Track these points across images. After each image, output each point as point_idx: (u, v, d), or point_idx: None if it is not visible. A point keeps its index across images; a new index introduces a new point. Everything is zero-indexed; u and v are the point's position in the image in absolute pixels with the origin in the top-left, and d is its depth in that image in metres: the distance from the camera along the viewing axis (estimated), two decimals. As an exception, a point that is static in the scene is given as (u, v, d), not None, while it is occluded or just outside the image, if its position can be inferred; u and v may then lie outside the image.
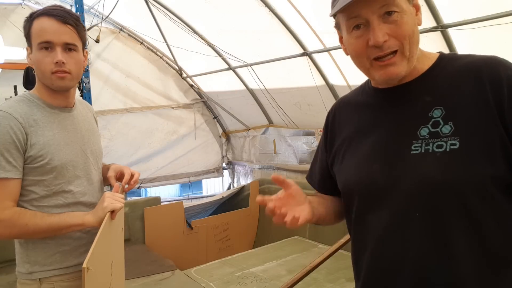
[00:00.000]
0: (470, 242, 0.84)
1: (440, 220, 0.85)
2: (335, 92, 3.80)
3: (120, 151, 4.95)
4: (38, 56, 1.29)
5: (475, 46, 2.60)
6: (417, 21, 0.91)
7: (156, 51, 5.13)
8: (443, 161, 0.85)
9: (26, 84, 3.41)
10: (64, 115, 1.39)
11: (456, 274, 0.85)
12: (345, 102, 1.14)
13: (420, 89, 0.93)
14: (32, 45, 1.30)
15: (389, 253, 0.92)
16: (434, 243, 0.86)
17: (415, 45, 0.89)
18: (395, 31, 0.87)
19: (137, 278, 2.95)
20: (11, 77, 3.98)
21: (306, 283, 2.61)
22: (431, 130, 0.88)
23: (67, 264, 1.36)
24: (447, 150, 0.84)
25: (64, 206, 1.35)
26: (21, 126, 1.25)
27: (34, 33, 1.29)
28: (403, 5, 0.87)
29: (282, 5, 3.32)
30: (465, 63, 0.91)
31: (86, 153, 1.43)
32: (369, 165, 0.96)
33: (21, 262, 1.35)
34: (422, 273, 0.87)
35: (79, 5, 3.51)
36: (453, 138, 0.84)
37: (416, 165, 0.88)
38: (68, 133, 1.38)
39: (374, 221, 0.95)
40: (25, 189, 1.30)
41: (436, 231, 0.86)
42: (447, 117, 0.87)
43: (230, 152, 5.95)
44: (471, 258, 0.84)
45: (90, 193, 1.42)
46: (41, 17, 1.29)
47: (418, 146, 0.88)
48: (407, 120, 0.92)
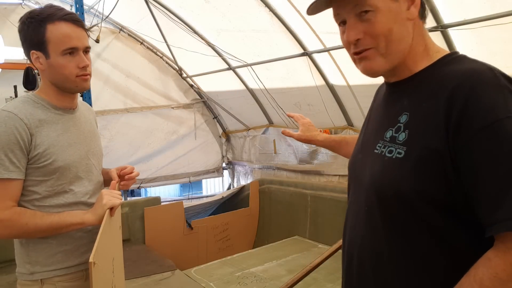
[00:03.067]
0: (396, 244, 0.89)
1: (374, 217, 0.93)
2: (335, 92, 3.80)
3: (120, 151, 4.95)
4: (61, 61, 1.29)
5: (475, 46, 2.60)
6: (408, 15, 0.88)
7: (156, 51, 5.13)
8: (386, 166, 0.90)
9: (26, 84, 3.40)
10: (68, 117, 1.40)
11: (382, 268, 0.92)
12: (381, 86, 1.15)
13: (404, 90, 0.94)
14: (50, 51, 1.28)
15: (348, 236, 1.04)
16: (372, 237, 0.94)
17: (395, 43, 0.88)
18: (368, 29, 0.88)
19: (137, 278, 2.95)
20: (11, 77, 3.98)
21: (306, 283, 2.61)
22: (392, 135, 0.91)
23: (68, 264, 1.37)
24: (393, 157, 0.88)
25: (65, 206, 1.35)
26: (26, 127, 1.26)
27: (54, 39, 1.27)
28: (377, 4, 0.86)
29: (282, 5, 3.32)
30: (449, 71, 0.86)
31: (88, 154, 1.44)
32: (356, 154, 1.06)
33: (21, 263, 1.35)
34: (363, 260, 0.97)
35: (79, 5, 3.51)
36: (402, 147, 0.87)
37: (371, 163, 0.95)
38: (72, 134, 1.39)
39: (349, 203, 1.07)
40: (27, 189, 1.30)
41: (371, 227, 0.94)
42: (407, 125, 0.88)
43: (230, 152, 5.95)
44: (395, 258, 0.90)
45: (90, 194, 1.43)
46: (59, 23, 1.28)
47: (379, 147, 0.94)
48: (385, 118, 0.97)
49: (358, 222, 0.98)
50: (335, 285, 2.81)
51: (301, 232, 4.05)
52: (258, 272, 3.14)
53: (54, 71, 1.31)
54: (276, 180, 4.61)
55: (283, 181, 4.51)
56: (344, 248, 1.07)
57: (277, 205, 4.44)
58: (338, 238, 2.30)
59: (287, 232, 4.11)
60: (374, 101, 1.15)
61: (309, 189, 4.06)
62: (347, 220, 1.06)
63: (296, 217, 4.15)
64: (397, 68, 0.92)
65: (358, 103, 3.63)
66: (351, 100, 3.68)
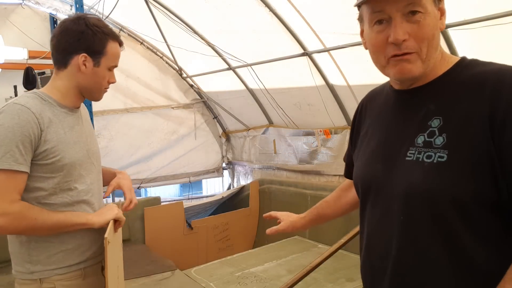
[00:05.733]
0: (447, 252, 0.86)
1: (417, 227, 0.89)
2: (335, 92, 3.80)
3: (120, 151, 4.95)
4: (105, 73, 1.45)
5: (475, 46, 2.60)
6: (440, 25, 0.90)
7: (156, 51, 5.13)
8: (428, 172, 0.87)
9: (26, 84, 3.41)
10: (72, 116, 1.43)
11: (430, 277, 0.88)
12: (371, 96, 1.16)
13: (428, 95, 0.93)
14: (102, 62, 1.42)
15: (376, 250, 0.99)
16: (412, 247, 0.90)
17: (434, 49, 0.89)
18: (416, 31, 0.86)
19: (137, 278, 2.96)
20: (11, 77, 3.99)
21: (306, 283, 2.61)
22: (426, 139, 0.89)
23: (68, 263, 1.38)
24: (434, 161, 0.86)
25: (69, 204, 1.37)
26: (38, 122, 1.28)
27: (109, 55, 1.43)
28: (428, 7, 0.86)
29: (282, 5, 3.32)
30: (477, 72, 0.88)
31: (89, 153, 1.46)
32: (373, 164, 1.01)
33: (21, 262, 1.35)
34: (401, 271, 0.93)
35: (79, 5, 3.51)
36: (442, 151, 0.86)
37: (406, 171, 0.91)
38: (76, 133, 1.42)
39: (369, 217, 1.02)
40: (33, 185, 1.31)
41: (414, 236, 0.90)
42: (443, 128, 0.87)
43: (230, 152, 5.94)
44: (447, 268, 0.86)
45: (91, 192, 1.46)
46: (115, 43, 1.45)
47: (412, 153, 0.91)
48: (410, 125, 0.94)
49: (390, 234, 0.94)
50: (335, 285, 2.82)
51: (301, 232, 4.05)
52: (258, 272, 3.14)
53: (94, 78, 1.42)
54: (276, 180, 4.61)
55: (283, 181, 4.51)
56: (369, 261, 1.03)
57: (277, 205, 4.43)
58: (338, 238, 2.31)
59: (287, 232, 4.10)
60: (361, 113, 1.16)
61: (309, 189, 4.06)
62: (369, 234, 1.02)
63: (296, 217, 4.15)
64: (425, 74, 0.93)
65: (358, 103, 3.63)
66: (351, 100, 3.68)
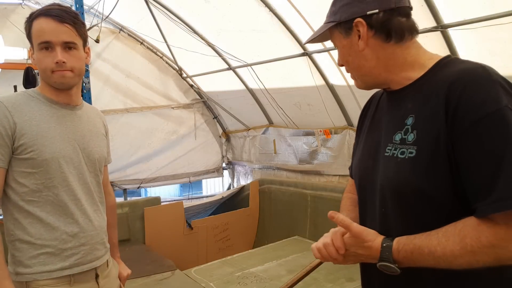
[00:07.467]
0: None
1: (392, 219, 0.98)
2: (335, 92, 3.80)
3: (120, 151, 4.94)
4: (39, 56, 1.32)
5: (475, 46, 2.60)
6: (358, 48, 1.01)
7: (156, 51, 5.13)
8: (399, 167, 0.94)
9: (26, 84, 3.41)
10: (65, 112, 1.40)
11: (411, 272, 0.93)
12: (375, 97, 1.22)
13: (409, 95, 0.99)
14: (33, 46, 1.33)
15: None
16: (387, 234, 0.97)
17: (356, 70, 1.07)
18: (341, 59, 1.08)
19: (137, 278, 2.95)
20: (11, 77, 3.98)
21: (306, 283, 2.61)
22: (402, 137, 0.96)
23: (50, 268, 1.33)
24: (406, 157, 0.93)
25: (54, 203, 1.34)
26: (10, 114, 1.27)
27: (34, 34, 1.32)
28: (341, 43, 1.06)
29: (282, 5, 3.32)
30: (448, 72, 0.92)
31: (82, 152, 1.42)
32: (365, 161, 1.10)
33: (10, 262, 1.33)
34: None
35: (79, 5, 3.51)
36: (413, 147, 0.92)
37: (383, 166, 0.99)
38: (66, 129, 1.38)
39: (362, 209, 1.13)
40: (17, 180, 1.30)
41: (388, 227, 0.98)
42: (414, 126, 0.94)
43: (230, 152, 5.94)
44: None
45: (81, 193, 1.41)
46: (39, 18, 1.31)
47: (389, 149, 0.98)
48: (392, 123, 1.01)
49: (374, 225, 1.02)
50: (335, 285, 2.82)
51: (301, 232, 4.06)
52: (258, 272, 3.14)
53: (38, 65, 1.33)
54: (276, 180, 4.61)
55: (283, 181, 4.51)
56: None
57: (277, 205, 4.44)
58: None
59: (287, 232, 4.11)
60: (368, 108, 1.21)
61: (309, 189, 4.06)
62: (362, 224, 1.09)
63: (296, 217, 4.16)
64: (386, 82, 1.03)
65: (358, 103, 3.63)
66: (351, 100, 3.69)
